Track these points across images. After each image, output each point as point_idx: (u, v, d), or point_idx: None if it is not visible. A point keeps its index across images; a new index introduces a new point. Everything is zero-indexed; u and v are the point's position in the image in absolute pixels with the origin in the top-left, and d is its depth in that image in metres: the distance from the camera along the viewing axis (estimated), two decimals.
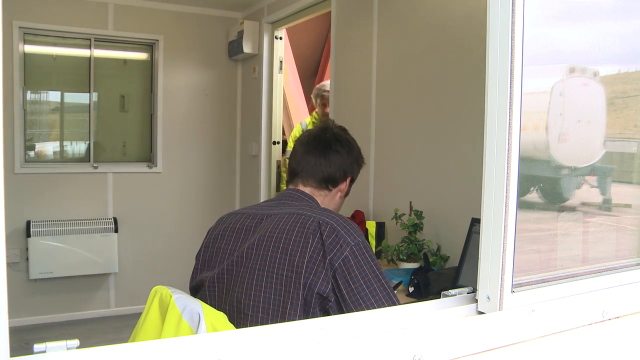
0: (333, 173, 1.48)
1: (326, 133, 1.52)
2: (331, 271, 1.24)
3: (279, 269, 1.26)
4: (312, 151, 1.49)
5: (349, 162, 1.52)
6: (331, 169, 1.48)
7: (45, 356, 0.66)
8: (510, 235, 0.91)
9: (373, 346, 0.80)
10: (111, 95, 4.38)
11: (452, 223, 2.35)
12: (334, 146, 1.50)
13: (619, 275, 1.15)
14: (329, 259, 1.24)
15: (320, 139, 1.51)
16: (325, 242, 1.25)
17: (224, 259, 1.39)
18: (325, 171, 1.48)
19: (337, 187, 1.52)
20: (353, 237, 1.27)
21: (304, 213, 1.33)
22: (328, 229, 1.26)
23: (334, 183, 1.50)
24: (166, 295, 1.23)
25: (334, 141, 1.51)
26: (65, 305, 4.12)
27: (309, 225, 1.28)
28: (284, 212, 1.36)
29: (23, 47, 3.97)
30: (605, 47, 1.33)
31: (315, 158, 1.48)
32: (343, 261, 1.24)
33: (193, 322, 1.17)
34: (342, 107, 3.25)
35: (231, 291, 1.32)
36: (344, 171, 1.51)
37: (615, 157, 1.49)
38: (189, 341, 0.77)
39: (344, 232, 1.27)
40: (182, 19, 4.43)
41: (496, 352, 0.91)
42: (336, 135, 1.53)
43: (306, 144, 1.51)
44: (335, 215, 1.33)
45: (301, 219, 1.31)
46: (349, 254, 1.25)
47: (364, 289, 1.24)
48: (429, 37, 2.53)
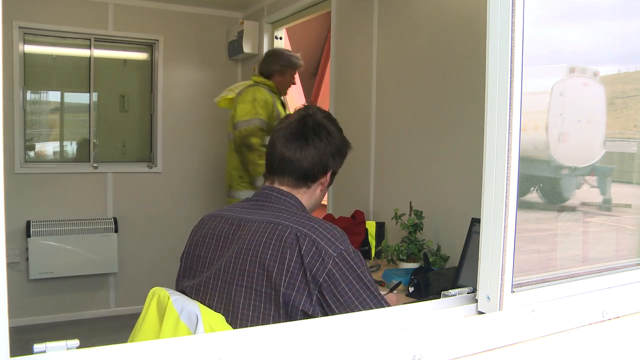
0: (310, 169, 1.37)
1: (306, 121, 1.39)
2: (315, 287, 1.19)
3: (257, 285, 1.22)
4: (288, 145, 1.37)
5: (329, 154, 1.39)
6: (308, 164, 1.36)
7: (45, 356, 0.66)
8: (510, 235, 0.91)
9: (373, 346, 0.80)
10: (111, 95, 4.38)
11: (452, 223, 2.34)
12: (311, 139, 1.37)
13: (619, 275, 1.15)
14: (311, 275, 1.18)
15: (297, 131, 1.38)
16: (305, 258, 1.19)
17: (203, 269, 1.35)
18: (302, 168, 1.36)
19: (317, 182, 1.40)
20: (335, 247, 1.21)
21: (281, 222, 1.26)
22: (307, 243, 1.20)
23: (312, 179, 1.39)
24: (164, 297, 1.23)
25: (312, 133, 1.38)
26: (65, 305, 4.11)
27: (286, 238, 1.22)
28: (261, 220, 1.29)
29: (23, 47, 3.97)
30: (605, 47, 1.33)
31: (291, 152, 1.36)
32: (327, 275, 1.19)
33: (191, 323, 1.16)
34: (342, 107, 3.25)
35: (212, 307, 1.28)
36: (323, 165, 1.38)
37: (615, 157, 1.49)
38: (189, 341, 0.77)
39: (325, 242, 1.21)
40: (182, 19, 4.43)
41: (496, 352, 0.91)
42: (316, 124, 1.39)
43: (282, 136, 1.39)
44: (315, 222, 1.26)
45: (278, 229, 1.24)
46: (333, 266, 1.19)
47: (352, 301, 1.20)
48: (429, 37, 2.53)
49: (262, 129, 3.18)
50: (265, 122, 3.20)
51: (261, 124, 3.18)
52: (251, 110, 3.18)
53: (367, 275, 1.24)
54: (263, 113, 3.19)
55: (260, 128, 3.17)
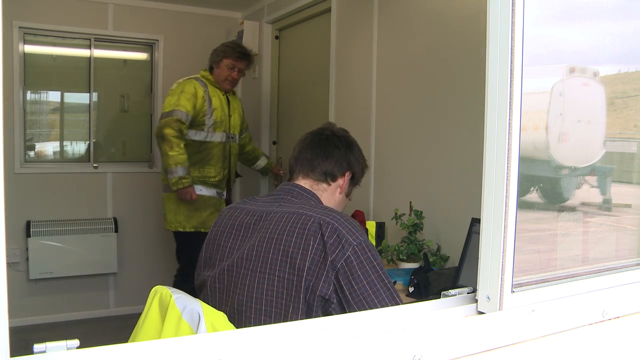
0: (331, 166, 1.48)
1: (325, 131, 1.53)
2: (333, 272, 1.22)
3: (280, 272, 1.25)
4: (310, 147, 1.50)
5: (347, 157, 1.51)
6: (329, 161, 1.48)
7: (45, 356, 0.66)
8: (510, 235, 0.91)
9: (373, 346, 0.80)
10: (111, 95, 4.38)
11: (452, 223, 2.34)
12: (332, 141, 1.50)
13: (619, 275, 1.15)
14: (331, 260, 1.22)
15: (318, 136, 1.52)
16: (327, 243, 1.23)
17: (223, 258, 1.39)
18: (323, 164, 1.47)
19: (336, 181, 1.50)
20: (355, 237, 1.26)
21: (305, 212, 1.31)
22: (329, 230, 1.25)
23: (332, 177, 1.49)
24: (166, 295, 1.23)
25: (332, 137, 1.51)
26: (65, 305, 4.12)
27: (310, 226, 1.26)
28: (284, 211, 1.34)
29: (23, 47, 3.97)
30: (605, 47, 1.33)
31: (312, 152, 1.49)
32: (345, 262, 1.22)
33: (193, 322, 1.17)
34: (342, 107, 3.25)
35: (232, 293, 1.32)
36: (343, 165, 1.50)
37: (615, 157, 1.49)
38: (189, 341, 0.77)
39: (346, 231, 1.25)
40: (182, 19, 4.43)
41: (496, 352, 0.91)
42: (335, 132, 1.54)
43: (304, 140, 1.52)
44: (337, 214, 1.31)
45: (302, 219, 1.29)
46: (351, 254, 1.23)
47: (367, 289, 1.23)
48: (429, 37, 2.53)
49: (181, 120, 3.13)
50: (187, 115, 3.15)
51: (181, 116, 3.12)
52: (175, 102, 3.15)
53: (382, 268, 1.29)
54: (187, 105, 3.15)
55: (178, 119, 3.11)
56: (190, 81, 3.26)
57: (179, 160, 3.10)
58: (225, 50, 3.34)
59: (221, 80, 3.34)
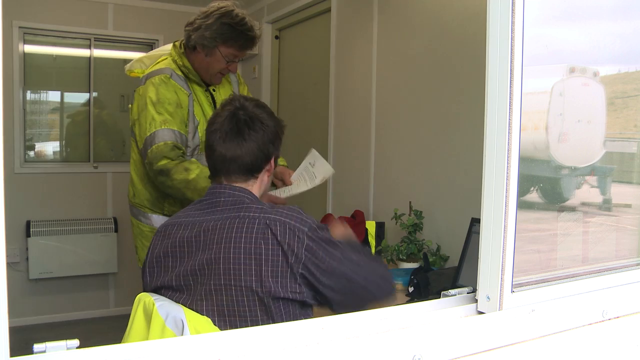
0: (254, 162, 1.38)
1: (237, 116, 1.39)
2: (299, 265, 1.21)
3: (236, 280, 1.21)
4: (227, 145, 1.37)
5: (267, 142, 1.40)
6: (250, 158, 1.38)
7: (45, 356, 0.66)
8: (510, 235, 0.91)
9: (373, 346, 0.80)
10: (111, 95, 4.38)
11: (452, 223, 2.34)
12: (247, 134, 1.38)
13: (619, 275, 1.15)
14: (294, 255, 1.21)
15: (232, 129, 1.38)
16: (283, 243, 1.21)
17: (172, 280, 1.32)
18: (246, 163, 1.37)
19: (263, 170, 1.42)
20: (304, 222, 1.25)
21: (247, 215, 1.27)
22: (279, 227, 1.23)
23: (258, 170, 1.40)
24: (149, 303, 1.23)
25: (246, 128, 1.38)
26: (65, 305, 4.11)
27: (257, 229, 1.23)
28: (225, 217, 1.28)
29: (23, 47, 3.96)
30: (605, 47, 1.33)
31: (231, 152, 1.37)
32: (306, 249, 1.22)
33: (177, 328, 1.16)
34: (342, 107, 3.25)
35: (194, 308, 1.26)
36: (265, 155, 1.40)
37: (615, 157, 1.49)
38: (189, 341, 0.77)
39: (294, 221, 1.25)
40: (182, 18, 4.38)
41: (496, 352, 0.91)
42: (248, 117, 1.39)
43: (219, 137, 1.38)
44: (277, 208, 1.29)
45: (246, 222, 1.25)
46: (308, 240, 1.23)
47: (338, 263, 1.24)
48: (429, 37, 2.53)
49: (177, 146, 2.21)
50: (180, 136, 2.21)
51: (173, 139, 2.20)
52: (152, 117, 2.23)
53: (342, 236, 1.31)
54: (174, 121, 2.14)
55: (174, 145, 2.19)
56: (164, 80, 2.13)
57: (205, 173, 1.84)
58: (225, 32, 2.18)
59: (211, 74, 2.23)
